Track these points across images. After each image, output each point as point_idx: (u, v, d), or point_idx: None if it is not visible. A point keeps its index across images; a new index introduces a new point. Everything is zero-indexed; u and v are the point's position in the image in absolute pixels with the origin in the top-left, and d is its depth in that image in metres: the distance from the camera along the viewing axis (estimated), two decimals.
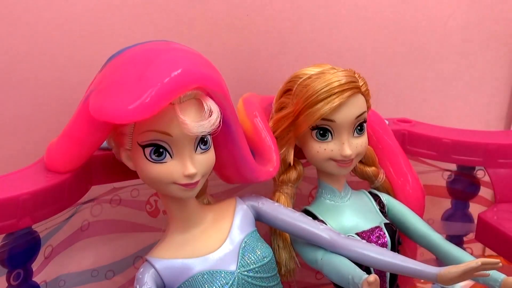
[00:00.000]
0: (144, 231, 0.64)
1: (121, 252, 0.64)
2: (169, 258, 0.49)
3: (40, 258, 0.52)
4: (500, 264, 0.45)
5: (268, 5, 0.72)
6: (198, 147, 0.47)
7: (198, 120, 0.44)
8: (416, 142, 0.70)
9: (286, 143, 0.58)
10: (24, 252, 0.50)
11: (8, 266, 0.49)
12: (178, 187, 0.46)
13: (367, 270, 0.52)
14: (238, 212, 0.53)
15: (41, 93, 0.61)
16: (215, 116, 0.45)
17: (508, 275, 0.50)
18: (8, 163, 0.57)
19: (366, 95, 0.57)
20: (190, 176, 0.46)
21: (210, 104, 0.45)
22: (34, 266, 0.52)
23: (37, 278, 0.53)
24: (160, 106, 0.41)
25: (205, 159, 0.47)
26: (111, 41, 0.64)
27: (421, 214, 0.61)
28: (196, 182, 0.47)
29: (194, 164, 0.46)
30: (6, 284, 0.49)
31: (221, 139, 0.50)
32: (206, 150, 0.47)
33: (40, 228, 0.51)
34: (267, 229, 0.58)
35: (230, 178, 0.55)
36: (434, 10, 0.83)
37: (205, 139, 0.47)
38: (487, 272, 0.46)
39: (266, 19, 0.73)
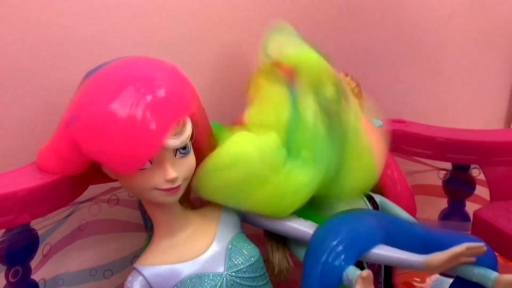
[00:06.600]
0: (142, 230, 0.65)
1: (119, 252, 0.65)
2: (157, 265, 0.49)
3: (38, 256, 0.53)
4: (484, 248, 0.45)
5: (267, 6, 0.73)
6: (178, 151, 0.47)
7: (174, 137, 0.45)
8: (410, 142, 0.70)
9: None
10: (22, 249, 0.51)
11: (6, 263, 0.50)
12: (160, 193, 0.47)
13: (360, 265, 0.53)
14: (224, 215, 0.53)
15: (41, 93, 0.62)
16: (188, 132, 0.46)
17: (504, 272, 0.50)
18: (7, 163, 0.57)
19: (359, 98, 0.57)
20: (172, 181, 0.46)
21: (184, 119, 0.47)
22: (33, 264, 0.53)
23: (35, 276, 0.53)
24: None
25: (185, 163, 0.48)
26: (111, 41, 0.64)
27: (413, 214, 0.61)
28: (178, 186, 0.47)
29: (175, 169, 0.46)
30: (5, 281, 0.50)
31: (197, 147, 0.50)
32: (186, 154, 0.48)
33: (39, 226, 0.52)
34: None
35: None
36: (434, 10, 0.83)
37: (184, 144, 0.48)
38: (473, 257, 0.46)
39: (266, 20, 0.73)
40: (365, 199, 0.61)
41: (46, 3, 0.60)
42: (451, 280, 0.59)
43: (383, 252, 0.49)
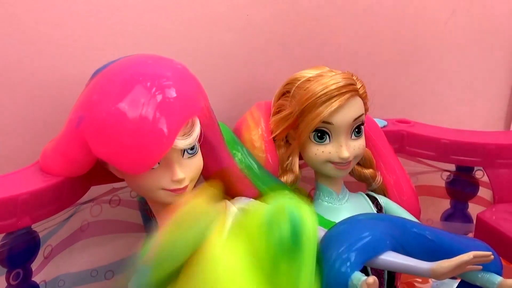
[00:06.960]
0: (144, 231, 0.64)
1: (121, 252, 0.64)
2: None
3: (39, 258, 0.53)
4: (492, 256, 0.45)
5: (268, 6, 0.72)
6: (185, 152, 0.47)
7: (182, 138, 0.45)
8: (415, 143, 0.70)
9: (291, 154, 0.58)
10: (23, 252, 0.50)
11: (7, 265, 0.49)
12: (166, 193, 0.46)
13: (364, 270, 0.53)
14: (229, 216, 0.52)
15: (41, 93, 0.62)
16: (197, 132, 0.46)
17: (506, 275, 0.50)
18: (7, 163, 0.57)
19: (364, 98, 0.57)
20: (179, 181, 0.46)
21: (193, 119, 0.46)
22: (34, 266, 0.52)
23: (36, 278, 0.53)
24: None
25: (193, 164, 0.47)
26: (111, 40, 0.64)
27: (417, 216, 0.61)
28: (185, 187, 0.47)
29: (182, 169, 0.46)
30: (6, 284, 0.50)
31: (205, 147, 0.50)
32: (193, 154, 0.47)
33: (40, 228, 0.51)
34: None
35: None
36: (434, 10, 0.83)
37: (193, 145, 0.47)
38: (480, 265, 0.46)
39: (266, 20, 0.73)
40: (369, 200, 0.61)
41: (47, 2, 0.60)
42: (452, 281, 0.59)
43: (390, 258, 0.49)
